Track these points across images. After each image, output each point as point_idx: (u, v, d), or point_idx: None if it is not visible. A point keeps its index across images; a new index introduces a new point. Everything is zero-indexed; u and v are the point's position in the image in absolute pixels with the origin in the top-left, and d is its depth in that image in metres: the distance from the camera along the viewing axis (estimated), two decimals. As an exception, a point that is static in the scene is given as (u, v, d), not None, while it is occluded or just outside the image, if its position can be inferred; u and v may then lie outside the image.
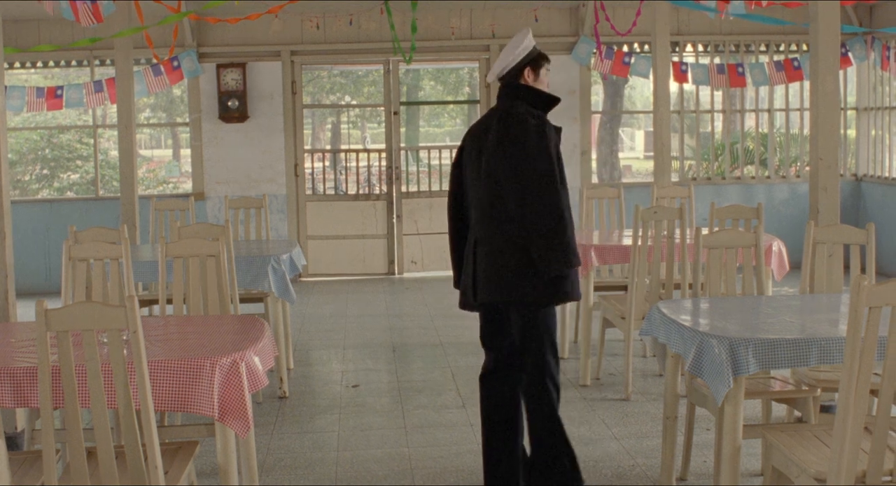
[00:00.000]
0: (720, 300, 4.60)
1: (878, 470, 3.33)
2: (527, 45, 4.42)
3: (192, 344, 3.95)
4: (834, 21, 5.43)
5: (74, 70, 12.20)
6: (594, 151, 17.44)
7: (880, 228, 11.09)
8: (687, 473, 4.81)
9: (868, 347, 3.22)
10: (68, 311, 3.20)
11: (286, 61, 11.01)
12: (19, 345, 3.96)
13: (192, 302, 5.14)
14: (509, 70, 4.41)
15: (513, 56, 4.39)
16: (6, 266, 5.23)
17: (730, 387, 3.64)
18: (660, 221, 6.00)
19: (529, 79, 4.42)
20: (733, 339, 3.67)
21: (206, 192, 11.01)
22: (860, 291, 3.17)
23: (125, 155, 8.44)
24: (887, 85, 11.24)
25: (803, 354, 3.66)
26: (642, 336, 4.47)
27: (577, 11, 11.11)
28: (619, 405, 6.09)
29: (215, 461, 4.75)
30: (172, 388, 3.55)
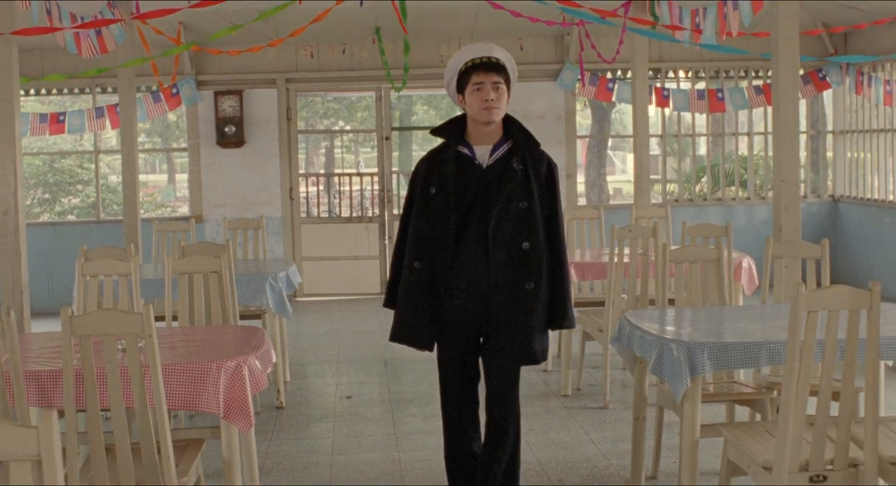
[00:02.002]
0: (683, 310, 4.98)
1: (819, 459, 3.70)
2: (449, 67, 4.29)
3: (198, 350, 4.32)
4: (793, 52, 5.83)
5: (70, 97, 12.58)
6: (583, 175, 17.94)
7: (857, 247, 11.51)
8: (657, 472, 5.17)
9: (807, 347, 3.59)
10: (90, 317, 3.57)
11: (281, 88, 11.42)
12: (40, 352, 4.32)
13: (196, 315, 5.51)
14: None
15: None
16: (21, 283, 5.60)
17: (687, 386, 4.02)
18: (635, 239, 6.38)
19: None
20: (690, 343, 4.05)
21: (204, 215, 11.38)
22: (798, 296, 3.56)
23: (128, 179, 8.82)
24: (862, 109, 11.65)
25: (754, 356, 4.04)
26: (612, 343, 4.85)
27: (562, 39, 11.53)
28: (597, 412, 6.46)
29: (218, 465, 5.13)
30: (182, 389, 3.92)
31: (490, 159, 4.20)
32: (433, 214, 4.19)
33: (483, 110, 4.13)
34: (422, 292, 4.20)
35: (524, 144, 4.22)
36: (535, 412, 6.48)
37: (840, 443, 3.71)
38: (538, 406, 6.63)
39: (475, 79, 4.15)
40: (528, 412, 6.44)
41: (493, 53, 4.22)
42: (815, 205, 12.08)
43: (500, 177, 4.17)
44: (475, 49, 4.24)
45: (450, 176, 4.17)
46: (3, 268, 5.63)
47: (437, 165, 4.24)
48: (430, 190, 4.20)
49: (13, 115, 5.61)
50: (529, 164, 4.18)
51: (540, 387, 7.14)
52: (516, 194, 4.14)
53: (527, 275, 4.13)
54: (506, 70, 4.22)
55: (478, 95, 4.14)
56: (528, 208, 4.15)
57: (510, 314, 4.14)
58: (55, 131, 11.13)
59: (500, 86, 4.16)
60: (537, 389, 7.09)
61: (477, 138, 4.23)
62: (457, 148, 4.23)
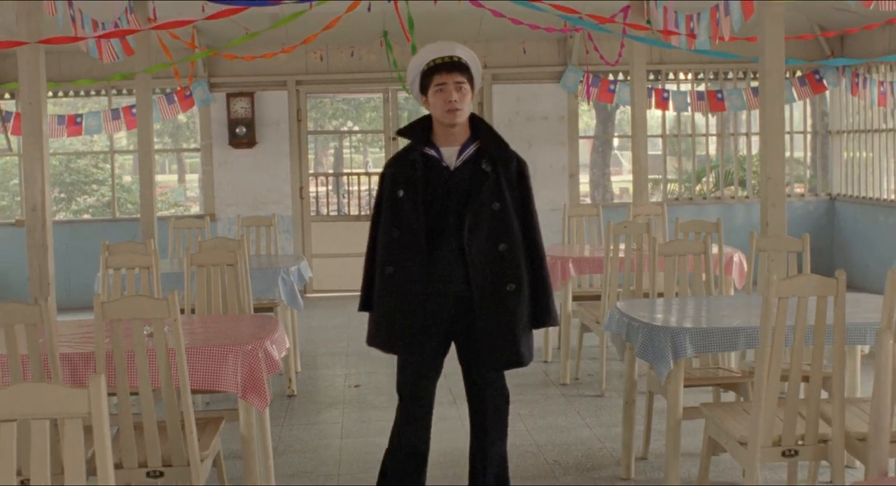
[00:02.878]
0: (671, 300, 5.30)
1: (791, 435, 4.01)
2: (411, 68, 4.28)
3: (217, 335, 4.65)
4: (779, 56, 6.12)
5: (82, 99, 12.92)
6: (588, 174, 18.26)
7: (853, 245, 11.81)
8: (647, 452, 5.49)
9: (778, 331, 3.91)
10: (121, 303, 3.90)
11: (292, 90, 11.76)
12: (71, 337, 4.65)
13: (212, 305, 5.85)
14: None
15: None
16: (49, 275, 5.94)
17: (671, 368, 4.34)
18: (629, 235, 6.70)
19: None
20: (674, 328, 4.38)
21: (216, 213, 11.72)
22: (770, 284, 3.87)
23: (145, 178, 9.15)
24: (859, 110, 11.94)
25: (732, 340, 4.36)
26: (604, 331, 5.17)
27: (565, 42, 11.84)
28: (593, 400, 6.77)
29: (233, 447, 5.45)
30: (203, 370, 4.25)
31: (457, 161, 4.17)
32: (403, 217, 4.13)
33: (447, 112, 4.09)
34: (396, 296, 4.15)
35: (493, 144, 4.19)
36: (535, 399, 6.80)
37: (810, 420, 4.02)
38: (538, 394, 6.94)
39: (437, 79, 4.10)
40: (528, 399, 6.79)
41: (455, 53, 4.15)
42: (812, 203, 12.37)
43: (470, 179, 4.13)
44: (437, 48, 4.18)
45: (417, 179, 4.13)
46: (31, 261, 5.95)
47: (404, 167, 4.18)
48: (398, 193, 4.14)
49: (41, 117, 5.93)
50: (499, 164, 4.14)
51: (540, 376, 7.45)
52: (488, 196, 4.10)
53: (507, 277, 4.10)
54: (469, 69, 4.16)
55: (441, 96, 4.10)
56: (501, 209, 4.11)
57: (493, 318, 4.12)
58: (73, 133, 11.47)
59: (463, 86, 4.11)
60: (537, 378, 7.40)
61: (443, 140, 4.19)
62: (423, 150, 4.19)
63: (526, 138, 11.91)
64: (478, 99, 11.97)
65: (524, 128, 11.95)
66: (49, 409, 2.43)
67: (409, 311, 4.16)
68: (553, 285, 7.12)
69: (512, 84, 11.91)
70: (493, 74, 11.76)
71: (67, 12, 6.50)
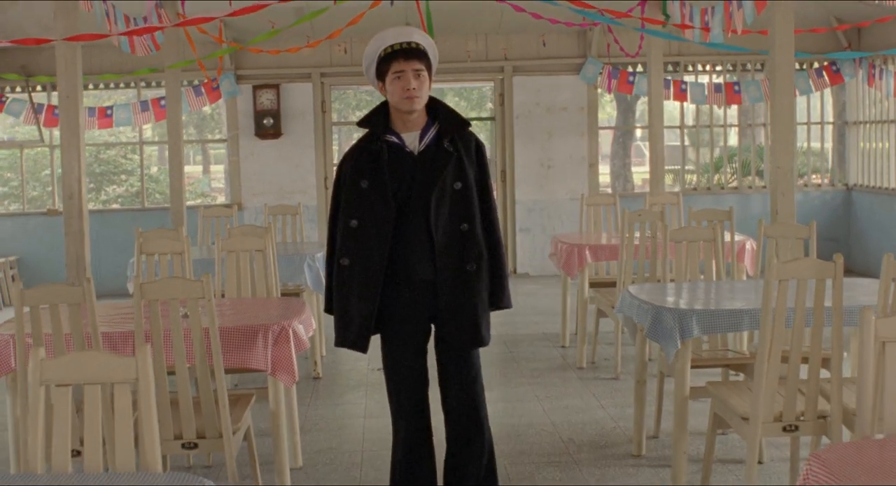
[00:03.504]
0: (681, 284, 5.52)
1: (791, 411, 4.22)
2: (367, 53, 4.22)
3: (248, 316, 4.90)
4: (789, 50, 6.31)
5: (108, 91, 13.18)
6: (609, 164, 18.45)
7: (869, 234, 11.97)
8: (658, 431, 5.72)
9: (779, 311, 4.12)
10: (158, 284, 4.16)
11: (316, 83, 12.01)
12: (109, 318, 4.91)
13: (242, 289, 6.11)
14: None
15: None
16: (85, 260, 6.20)
17: (678, 348, 4.56)
18: (644, 223, 6.91)
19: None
20: (681, 310, 4.59)
21: (243, 202, 11.99)
22: (770, 267, 4.09)
23: (175, 168, 9.43)
24: (875, 100, 12.08)
25: (737, 321, 4.57)
26: (616, 313, 5.38)
27: (585, 35, 12.03)
28: (608, 382, 6.99)
29: (262, 425, 5.71)
30: (235, 348, 4.49)
31: (421, 145, 4.15)
32: (366, 208, 4.08)
33: (405, 100, 4.06)
34: (353, 290, 4.11)
35: (452, 125, 4.17)
36: (552, 382, 7.03)
37: (809, 397, 4.23)
38: (555, 377, 7.17)
39: (395, 67, 4.05)
40: (546, 381, 7.03)
41: (412, 38, 4.11)
42: (829, 193, 12.54)
43: (433, 161, 4.11)
44: (394, 34, 4.12)
45: (383, 167, 4.08)
46: (68, 248, 6.22)
47: (367, 157, 4.13)
48: (361, 184, 4.08)
49: (77, 110, 6.20)
50: (460, 144, 4.14)
51: (558, 361, 7.68)
52: (451, 176, 4.09)
53: (467, 257, 4.10)
54: (427, 55, 4.13)
55: (399, 83, 4.05)
56: (462, 189, 4.10)
57: (456, 299, 4.11)
58: (104, 125, 11.75)
59: (421, 73, 4.07)
60: (555, 362, 7.63)
61: (402, 126, 4.17)
62: (385, 137, 4.16)
63: (546, 129, 12.13)
64: (499, 90, 12.20)
65: (544, 119, 12.16)
66: (101, 375, 2.68)
67: (369, 306, 4.10)
68: (570, 273, 7.45)
69: (532, 76, 12.12)
70: (513, 66, 11.98)
71: (101, 8, 6.76)
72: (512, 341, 8.42)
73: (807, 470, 2.55)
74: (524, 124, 12.18)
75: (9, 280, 11.50)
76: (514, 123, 12.16)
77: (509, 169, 12.16)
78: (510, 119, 12.16)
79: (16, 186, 16.31)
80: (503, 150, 12.22)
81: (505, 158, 12.20)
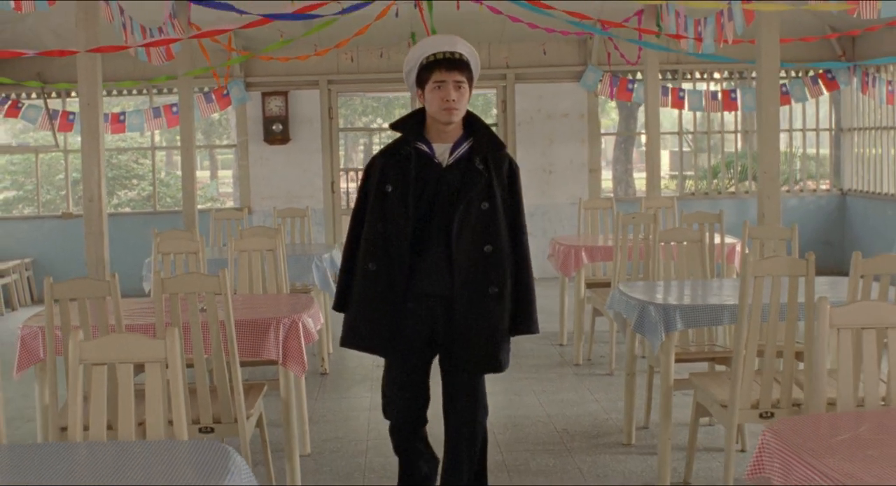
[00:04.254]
0: (669, 282, 5.83)
1: (767, 399, 4.53)
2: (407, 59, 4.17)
3: (260, 310, 5.21)
4: (774, 60, 6.63)
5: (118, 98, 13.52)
6: (611, 170, 18.78)
7: (863, 237, 12.26)
8: (648, 422, 6.03)
9: (755, 305, 4.43)
10: (178, 279, 4.48)
11: (324, 90, 12.35)
12: (130, 312, 5.23)
13: (253, 286, 6.43)
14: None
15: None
16: (104, 260, 6.53)
17: (662, 340, 4.87)
18: (637, 225, 7.22)
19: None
20: (665, 305, 4.90)
21: (252, 206, 12.33)
22: (747, 265, 4.40)
23: (187, 173, 9.77)
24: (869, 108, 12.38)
25: (718, 316, 4.88)
26: (607, 309, 5.70)
27: (585, 43, 12.35)
28: (603, 378, 7.30)
29: (273, 417, 6.03)
30: (248, 340, 4.82)
31: (450, 158, 4.07)
32: (389, 213, 4.01)
33: (443, 111, 3.99)
34: (378, 295, 4.03)
35: (487, 144, 4.09)
36: (549, 377, 7.34)
37: (784, 386, 4.54)
38: (552, 373, 7.48)
39: (437, 76, 3.97)
40: (543, 377, 7.34)
41: (456, 48, 4.03)
42: (824, 198, 12.84)
43: (462, 177, 4.02)
44: (439, 42, 4.06)
45: (409, 174, 4.01)
46: (88, 248, 6.54)
47: (395, 161, 4.06)
48: (387, 188, 4.01)
49: (98, 117, 6.53)
50: (492, 165, 4.04)
51: (556, 358, 7.99)
52: (478, 196, 3.99)
53: (490, 279, 4.00)
54: (469, 67, 4.05)
55: (438, 93, 3.98)
56: (489, 210, 4.00)
57: (472, 321, 4.00)
58: (116, 130, 12.10)
59: (462, 85, 4.00)
60: (553, 359, 7.94)
61: (436, 136, 4.09)
62: (415, 145, 4.08)
63: (547, 135, 12.46)
64: (501, 97, 12.52)
65: (545, 125, 12.49)
66: (133, 356, 3.01)
67: (392, 310, 4.03)
68: (566, 273, 7.76)
69: (534, 83, 12.44)
70: (515, 74, 12.32)
71: (119, 19, 7.09)
72: (514, 340, 8.69)
73: (762, 439, 2.86)
74: (526, 130, 12.51)
75: (24, 281, 11.85)
76: (517, 129, 12.49)
77: (511, 174, 12.45)
78: (512, 125, 12.49)
79: (30, 189, 16.67)
80: (505, 155, 12.52)
81: (507, 164, 12.50)
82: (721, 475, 4.98)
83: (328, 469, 5.44)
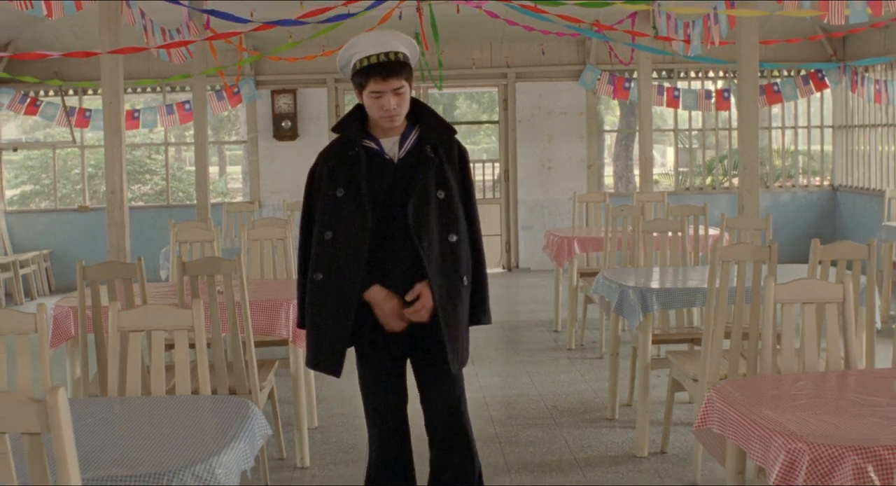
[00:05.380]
0: (651, 269, 6.28)
1: (734, 373, 4.97)
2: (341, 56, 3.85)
3: (272, 293, 5.67)
4: (754, 61, 7.06)
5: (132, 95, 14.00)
6: (612, 166, 19.21)
7: (852, 231, 12.69)
8: (631, 400, 6.47)
9: (722, 288, 4.87)
10: (199, 262, 4.94)
11: (331, 88, 12.82)
12: (152, 296, 5.69)
13: (265, 272, 6.90)
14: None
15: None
16: (125, 249, 6.99)
17: (640, 320, 5.32)
18: (625, 217, 7.66)
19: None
20: (643, 288, 5.35)
21: (262, 200, 12.81)
22: (714, 251, 4.84)
23: (200, 167, 10.26)
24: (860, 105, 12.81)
25: (691, 298, 5.34)
26: (593, 293, 6.15)
27: (584, 43, 12.80)
28: (593, 361, 7.75)
29: (283, 395, 6.48)
30: (262, 320, 5.27)
31: (401, 152, 3.85)
32: (342, 218, 3.75)
33: (384, 118, 3.77)
34: (328, 307, 3.78)
35: (435, 129, 3.88)
36: (543, 361, 7.79)
37: (750, 361, 4.98)
38: (546, 357, 7.93)
39: (373, 86, 3.69)
40: (537, 360, 7.79)
41: (391, 47, 3.72)
42: (815, 193, 13.27)
43: (415, 167, 3.80)
44: (373, 42, 3.71)
45: (360, 176, 3.75)
46: (111, 237, 7.01)
47: (343, 163, 3.79)
48: (337, 192, 3.75)
49: (119, 114, 6.98)
50: (442, 151, 3.84)
51: (550, 343, 8.45)
52: (432, 184, 3.79)
53: (460, 270, 3.83)
54: (408, 66, 3.77)
55: (376, 102, 3.72)
56: (446, 199, 3.81)
57: (451, 316, 3.80)
58: (131, 127, 12.55)
59: (401, 90, 3.74)
60: (547, 344, 8.40)
61: (381, 131, 3.86)
62: (363, 143, 3.83)
63: (547, 132, 12.91)
64: (503, 96, 12.97)
65: (545, 123, 12.94)
66: (165, 323, 3.47)
67: (343, 324, 3.78)
68: (560, 263, 8.21)
69: (534, 82, 12.89)
70: (516, 73, 12.77)
71: (140, 22, 7.55)
72: (511, 327, 9.19)
73: (707, 397, 3.31)
74: (526, 128, 12.96)
75: (42, 272, 12.34)
76: (517, 126, 12.94)
77: (512, 170, 12.94)
78: (513, 123, 12.94)
79: (47, 184, 17.16)
80: (506, 151, 12.99)
81: (508, 160, 12.98)
82: (695, 447, 5.41)
83: (334, 441, 5.89)
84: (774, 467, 2.73)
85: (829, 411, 3.12)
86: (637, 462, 5.39)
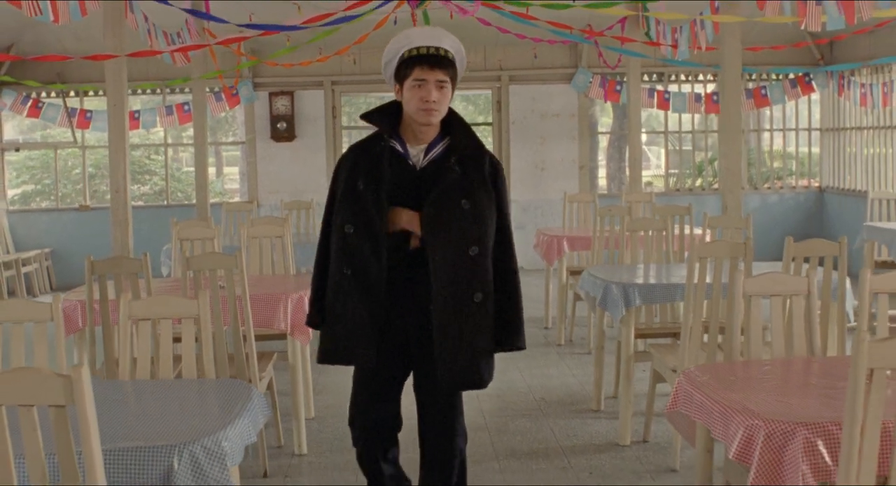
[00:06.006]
0: (636, 266, 6.53)
1: (712, 360, 5.21)
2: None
3: (271, 288, 5.91)
4: (736, 66, 7.31)
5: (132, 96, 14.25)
6: (605, 168, 19.47)
7: (839, 232, 12.94)
8: (616, 392, 6.72)
9: (700, 283, 5.12)
10: (201, 257, 5.18)
11: (328, 90, 13.08)
12: (155, 291, 5.92)
13: (263, 269, 7.14)
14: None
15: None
16: (129, 247, 7.23)
17: (623, 314, 5.57)
18: (612, 217, 7.91)
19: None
20: (626, 283, 5.60)
21: (260, 200, 13.06)
22: (693, 248, 5.09)
23: (200, 167, 10.51)
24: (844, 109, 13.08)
25: (671, 293, 5.59)
26: (579, 289, 6.40)
27: (576, 47, 13.05)
28: (582, 356, 8.00)
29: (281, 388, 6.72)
30: (261, 312, 5.52)
31: (424, 160, 3.74)
32: (361, 212, 3.65)
33: (422, 111, 3.65)
34: (359, 299, 3.66)
35: (464, 143, 3.74)
36: (533, 355, 8.04)
37: (726, 350, 5.22)
38: (536, 352, 8.18)
39: (418, 74, 3.61)
40: (527, 355, 8.03)
41: (442, 43, 3.67)
42: (803, 195, 13.53)
43: (435, 177, 3.68)
44: (424, 35, 3.68)
45: (382, 173, 3.66)
46: (114, 234, 7.24)
47: (367, 158, 3.72)
48: (358, 185, 3.67)
49: (124, 116, 7.21)
50: (469, 163, 3.70)
51: (540, 339, 8.70)
52: (454, 193, 3.64)
53: (474, 285, 3.63)
54: (454, 65, 3.70)
55: (418, 92, 3.62)
56: (472, 209, 3.64)
57: (452, 331, 3.62)
58: (131, 127, 12.72)
59: (445, 85, 3.65)
60: (538, 340, 8.65)
61: (412, 136, 3.75)
62: (390, 143, 3.73)
63: (540, 134, 13.17)
64: (496, 98, 13.23)
65: (538, 125, 13.21)
66: (172, 312, 3.71)
67: (376, 315, 3.67)
68: (549, 261, 8.46)
69: (527, 85, 13.16)
70: (510, 76, 13.04)
71: (144, 26, 7.79)
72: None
73: (678, 381, 3.56)
74: (520, 129, 13.22)
75: (44, 270, 12.58)
76: (511, 128, 13.20)
77: (505, 170, 13.17)
78: (507, 124, 13.20)
79: (48, 184, 17.40)
80: (500, 153, 13.24)
81: (501, 161, 13.21)
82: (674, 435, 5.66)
83: (330, 430, 6.14)
84: (734, 442, 2.98)
85: (788, 392, 3.37)
86: (620, 450, 5.64)
